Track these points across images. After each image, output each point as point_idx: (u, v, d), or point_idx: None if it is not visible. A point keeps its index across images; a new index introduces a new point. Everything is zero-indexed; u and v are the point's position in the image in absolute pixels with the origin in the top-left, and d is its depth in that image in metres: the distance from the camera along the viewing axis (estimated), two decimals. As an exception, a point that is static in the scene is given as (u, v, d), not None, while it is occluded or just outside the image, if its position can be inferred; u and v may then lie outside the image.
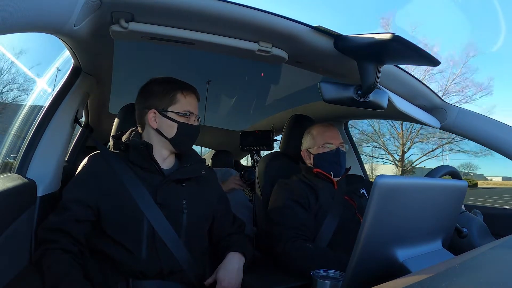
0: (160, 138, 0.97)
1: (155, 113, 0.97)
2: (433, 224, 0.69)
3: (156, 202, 0.91)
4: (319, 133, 1.27)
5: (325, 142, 1.24)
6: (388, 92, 1.04)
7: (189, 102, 0.98)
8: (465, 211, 0.97)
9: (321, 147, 1.25)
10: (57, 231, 0.85)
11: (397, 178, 0.56)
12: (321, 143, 1.25)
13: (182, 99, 0.97)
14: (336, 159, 1.23)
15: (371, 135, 14.15)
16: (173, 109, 0.96)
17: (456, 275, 0.41)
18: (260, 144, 1.60)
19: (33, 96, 1.36)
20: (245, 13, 0.77)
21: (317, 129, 1.29)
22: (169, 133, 0.96)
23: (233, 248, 0.99)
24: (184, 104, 0.97)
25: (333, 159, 1.23)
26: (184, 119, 0.97)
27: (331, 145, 1.24)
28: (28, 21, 0.56)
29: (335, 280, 0.74)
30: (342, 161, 1.24)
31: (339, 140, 1.26)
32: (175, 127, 0.96)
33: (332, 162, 1.23)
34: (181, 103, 0.97)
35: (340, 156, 1.24)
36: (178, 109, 0.96)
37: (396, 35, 0.71)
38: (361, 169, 1.94)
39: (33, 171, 1.00)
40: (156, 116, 0.97)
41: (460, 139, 10.76)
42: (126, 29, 0.77)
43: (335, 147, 1.24)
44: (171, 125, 0.96)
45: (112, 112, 1.92)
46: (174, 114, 0.96)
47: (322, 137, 1.26)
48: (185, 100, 0.97)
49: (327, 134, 1.26)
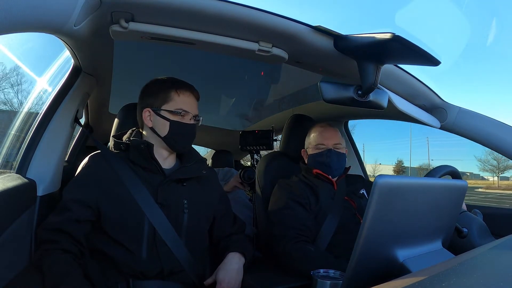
0: (155, 137, 0.98)
1: (150, 111, 0.97)
2: (433, 224, 0.69)
3: (157, 202, 0.91)
4: (315, 134, 1.28)
5: (318, 143, 1.25)
6: (388, 92, 1.04)
7: (183, 100, 0.97)
8: (465, 211, 0.97)
9: (315, 147, 1.25)
10: (57, 231, 0.85)
11: (397, 178, 0.56)
12: (315, 143, 1.26)
13: (175, 97, 0.97)
14: (326, 160, 1.22)
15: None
16: (166, 107, 0.96)
17: (456, 275, 0.41)
18: (260, 144, 1.60)
19: (33, 96, 1.36)
20: (245, 13, 0.77)
21: (314, 130, 1.30)
22: (162, 132, 0.96)
23: (233, 248, 0.99)
24: (178, 103, 0.97)
25: (323, 160, 1.23)
26: (178, 118, 0.96)
27: (323, 146, 1.24)
28: (28, 21, 0.56)
29: (335, 280, 0.74)
30: (333, 162, 1.23)
31: (333, 141, 1.25)
32: (167, 126, 0.96)
33: (322, 163, 1.23)
34: (175, 101, 0.96)
35: (332, 157, 1.22)
36: (171, 107, 0.96)
37: (396, 35, 0.71)
38: (361, 169, 1.94)
39: (33, 171, 1.00)
40: (150, 115, 0.97)
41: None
42: (126, 29, 0.77)
43: (327, 148, 1.23)
44: (164, 124, 0.96)
45: (112, 112, 1.92)
46: (167, 112, 0.96)
47: (317, 137, 1.26)
48: (178, 98, 0.97)
49: (321, 135, 1.26)
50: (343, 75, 1.09)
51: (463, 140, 1.29)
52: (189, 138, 1.00)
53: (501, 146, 1.20)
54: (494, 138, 1.21)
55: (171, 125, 0.96)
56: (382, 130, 11.98)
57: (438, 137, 14.03)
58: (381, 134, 29.95)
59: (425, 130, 12.16)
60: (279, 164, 1.42)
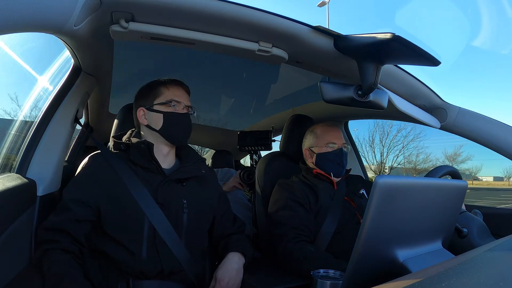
0: (152, 133, 0.99)
1: (144, 110, 0.99)
2: (433, 224, 0.69)
3: (156, 202, 0.91)
4: (323, 132, 1.28)
5: (329, 141, 1.25)
6: (388, 92, 1.04)
7: (173, 92, 0.99)
8: (465, 211, 0.97)
9: (324, 146, 1.25)
10: (57, 231, 0.85)
11: (397, 178, 0.56)
12: (325, 142, 1.25)
13: (165, 91, 0.99)
14: (338, 159, 1.24)
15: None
16: (158, 101, 0.98)
17: (456, 275, 0.41)
18: (258, 144, 1.60)
19: (34, 95, 1.36)
20: (245, 13, 0.77)
21: (321, 128, 1.29)
22: (157, 125, 0.98)
23: (233, 248, 0.99)
24: (168, 95, 0.99)
25: (335, 159, 1.24)
26: (171, 109, 0.98)
27: (334, 144, 1.25)
28: (28, 21, 0.56)
29: (335, 280, 0.74)
30: (344, 161, 1.25)
31: (342, 140, 1.27)
32: (161, 118, 0.98)
33: (334, 162, 1.24)
34: (165, 94, 0.99)
35: (343, 156, 1.25)
36: (162, 100, 0.98)
37: (396, 35, 0.71)
38: (361, 169, 1.94)
39: (33, 171, 1.00)
40: (145, 113, 0.99)
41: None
42: (126, 29, 0.78)
43: (338, 147, 1.24)
44: (158, 117, 0.98)
45: (112, 112, 1.92)
46: (158, 105, 0.98)
47: (326, 136, 1.26)
48: (168, 91, 0.99)
49: (331, 134, 1.26)
50: (343, 75, 1.09)
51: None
52: (184, 128, 1.00)
53: (501, 146, 1.20)
54: (494, 138, 1.21)
55: (165, 116, 0.97)
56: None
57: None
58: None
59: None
60: (279, 164, 1.42)
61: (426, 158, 10.25)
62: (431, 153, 10.49)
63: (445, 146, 9.76)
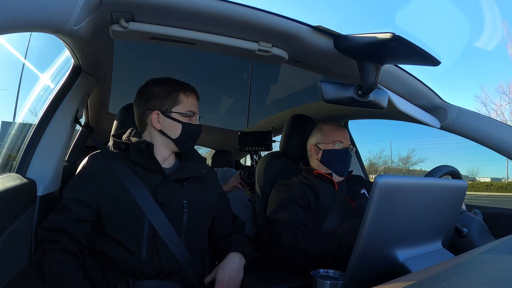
0: (163, 138, 0.98)
1: (158, 114, 0.96)
2: (433, 224, 0.69)
3: (156, 201, 0.91)
4: (331, 131, 1.28)
5: (336, 139, 1.26)
6: (388, 92, 1.04)
7: (191, 102, 0.99)
8: (465, 211, 0.97)
9: (331, 143, 1.26)
10: (57, 231, 0.85)
11: (397, 178, 0.56)
12: (332, 139, 1.26)
13: (185, 99, 0.98)
14: (344, 158, 1.25)
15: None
16: (177, 109, 0.97)
17: (456, 275, 0.41)
18: (259, 145, 1.60)
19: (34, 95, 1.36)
20: (245, 13, 0.77)
21: (329, 127, 1.30)
22: (174, 134, 0.97)
23: (233, 248, 0.99)
24: (187, 105, 0.98)
25: (341, 158, 1.25)
26: (188, 119, 0.98)
27: (341, 143, 1.25)
28: (28, 20, 0.56)
29: (335, 280, 0.74)
30: (349, 161, 1.26)
31: (348, 141, 1.27)
32: (179, 128, 0.97)
33: (340, 161, 1.25)
34: (184, 104, 0.97)
35: (348, 156, 1.26)
36: (182, 110, 0.97)
37: (396, 35, 0.71)
38: (361, 169, 1.94)
39: (33, 171, 1.00)
40: (159, 117, 0.97)
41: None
42: (126, 29, 0.77)
43: (345, 146, 1.25)
44: (175, 126, 0.97)
45: (112, 112, 1.92)
46: (177, 114, 0.96)
47: (334, 134, 1.27)
48: (187, 100, 0.98)
49: (338, 133, 1.27)
50: (343, 75, 1.09)
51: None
52: (197, 138, 1.02)
53: (501, 146, 1.20)
54: (494, 138, 1.21)
55: (184, 127, 0.97)
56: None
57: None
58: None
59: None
60: (279, 164, 1.42)
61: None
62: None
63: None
